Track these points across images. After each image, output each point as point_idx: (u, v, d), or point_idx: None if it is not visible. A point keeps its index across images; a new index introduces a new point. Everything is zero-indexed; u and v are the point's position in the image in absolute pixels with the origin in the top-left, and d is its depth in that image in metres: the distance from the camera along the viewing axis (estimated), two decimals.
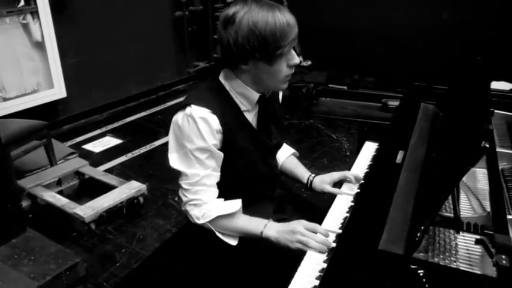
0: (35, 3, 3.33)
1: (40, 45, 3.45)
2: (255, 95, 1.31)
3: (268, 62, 1.20)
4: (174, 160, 1.27)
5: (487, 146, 0.85)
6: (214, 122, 1.22)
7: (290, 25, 1.18)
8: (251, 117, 1.34)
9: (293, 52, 1.24)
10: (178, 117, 1.25)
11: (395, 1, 4.00)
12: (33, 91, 3.46)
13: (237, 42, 1.17)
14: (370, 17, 4.09)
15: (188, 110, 1.22)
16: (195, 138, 1.21)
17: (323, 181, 1.51)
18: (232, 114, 1.28)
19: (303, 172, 1.58)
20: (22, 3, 3.24)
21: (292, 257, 1.15)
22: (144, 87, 4.62)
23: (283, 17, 1.17)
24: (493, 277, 0.93)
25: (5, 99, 3.27)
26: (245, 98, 1.30)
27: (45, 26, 3.42)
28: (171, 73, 4.90)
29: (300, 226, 1.20)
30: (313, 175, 1.55)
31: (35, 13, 3.35)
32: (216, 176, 1.28)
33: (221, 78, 1.31)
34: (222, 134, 1.25)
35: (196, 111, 1.21)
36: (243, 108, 1.31)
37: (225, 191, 1.30)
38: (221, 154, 1.27)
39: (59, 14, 3.59)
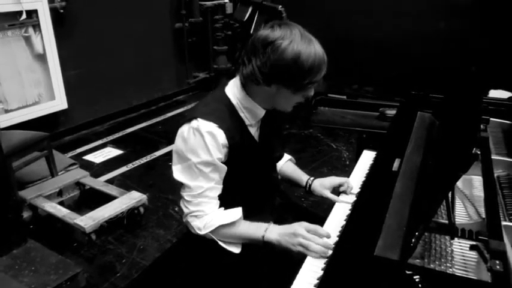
0: (37, 16, 3.37)
1: (41, 58, 3.49)
2: (261, 112, 1.32)
3: (294, 91, 1.23)
4: (177, 172, 1.28)
5: (478, 152, 0.87)
6: (221, 136, 1.23)
7: (325, 61, 1.22)
8: (253, 131, 1.36)
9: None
10: (184, 130, 1.25)
11: (394, 11, 4.03)
12: (34, 103, 3.49)
13: (274, 67, 1.18)
14: (369, 27, 4.13)
15: (195, 123, 1.23)
16: (200, 151, 1.22)
17: (323, 185, 1.52)
18: (238, 129, 1.29)
19: (301, 175, 1.59)
20: (24, 16, 3.28)
21: (291, 264, 1.16)
22: (145, 98, 4.66)
23: (320, 51, 1.20)
24: (488, 282, 0.94)
25: (6, 111, 3.30)
26: (251, 113, 1.31)
27: (47, 38, 3.47)
28: (171, 84, 4.93)
29: (301, 228, 1.21)
30: (312, 178, 1.57)
31: (36, 26, 3.39)
32: (218, 189, 1.29)
33: (228, 91, 1.32)
34: (228, 148, 1.26)
35: (204, 125, 1.22)
36: (247, 122, 1.32)
37: (227, 201, 1.31)
38: (225, 167, 1.27)
39: (61, 27, 3.64)
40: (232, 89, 1.31)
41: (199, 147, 1.22)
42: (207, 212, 1.27)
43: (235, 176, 1.31)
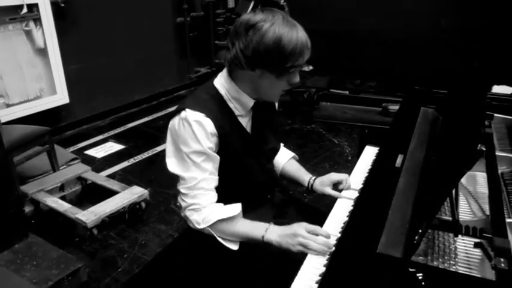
0: (38, 10, 3.36)
1: (43, 52, 3.47)
2: (250, 101, 1.32)
3: (277, 76, 1.23)
4: (172, 164, 1.28)
5: (483, 149, 0.86)
6: (209, 125, 1.23)
7: (308, 46, 1.22)
8: (245, 122, 1.36)
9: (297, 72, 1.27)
10: (175, 122, 1.27)
11: (396, 7, 4.01)
12: (36, 97, 3.48)
13: (256, 49, 1.18)
14: (371, 22, 4.10)
15: (183, 114, 1.24)
16: (190, 141, 1.23)
17: (323, 183, 1.52)
18: (227, 119, 1.30)
19: (303, 175, 1.59)
20: (25, 10, 3.26)
21: (293, 262, 1.16)
22: (146, 92, 4.64)
23: (304, 36, 1.20)
24: (492, 280, 0.93)
25: (8, 106, 3.29)
26: (239, 103, 1.32)
27: (48, 32, 3.45)
28: (172, 79, 4.92)
29: (301, 229, 1.21)
30: (313, 177, 1.56)
31: (37, 20, 3.38)
32: (213, 180, 1.29)
33: (216, 82, 1.33)
34: (218, 137, 1.26)
35: (191, 114, 1.23)
36: (237, 113, 1.33)
37: (224, 196, 1.31)
38: (217, 157, 1.28)
39: (62, 21, 3.62)
40: (220, 80, 1.33)
41: (189, 136, 1.23)
42: (204, 205, 1.27)
43: (230, 168, 1.31)
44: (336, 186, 1.52)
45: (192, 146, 1.23)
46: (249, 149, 1.36)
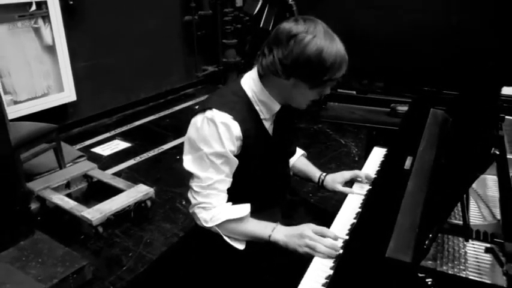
0: (47, 8, 3.37)
1: (51, 49, 3.48)
2: (276, 106, 1.31)
3: (311, 87, 1.22)
4: (188, 162, 1.27)
5: (497, 152, 0.84)
6: (236, 128, 1.22)
7: (346, 60, 1.21)
8: (268, 125, 1.35)
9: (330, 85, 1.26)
10: (198, 120, 1.24)
11: (404, 6, 3.97)
12: (43, 94, 3.49)
13: (296, 60, 1.17)
14: (379, 21, 4.07)
15: (209, 113, 1.22)
16: (213, 142, 1.21)
17: (334, 180, 1.52)
18: (253, 122, 1.28)
19: (314, 171, 1.59)
20: (34, 7, 3.28)
21: (299, 263, 1.14)
22: (153, 91, 4.65)
23: (342, 50, 1.20)
24: (503, 287, 0.91)
25: (15, 102, 3.31)
26: (266, 106, 1.30)
27: (56, 30, 3.46)
28: (179, 77, 4.92)
29: (308, 230, 1.19)
30: (324, 174, 1.57)
31: (46, 17, 3.39)
32: (228, 182, 1.28)
33: (243, 83, 1.31)
34: (242, 141, 1.25)
35: (218, 115, 1.21)
36: (262, 116, 1.31)
37: (237, 196, 1.30)
38: (236, 161, 1.26)
39: (70, 19, 3.63)
40: (248, 82, 1.30)
41: (213, 137, 1.21)
42: (215, 205, 1.26)
43: (248, 170, 1.30)
44: (346, 184, 1.52)
45: (214, 147, 1.22)
46: (271, 152, 1.35)
